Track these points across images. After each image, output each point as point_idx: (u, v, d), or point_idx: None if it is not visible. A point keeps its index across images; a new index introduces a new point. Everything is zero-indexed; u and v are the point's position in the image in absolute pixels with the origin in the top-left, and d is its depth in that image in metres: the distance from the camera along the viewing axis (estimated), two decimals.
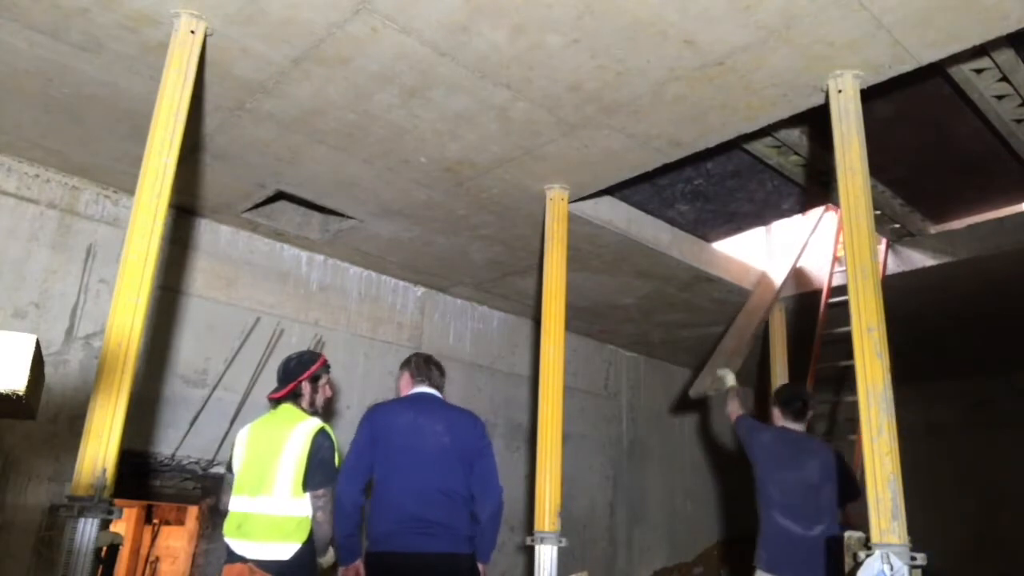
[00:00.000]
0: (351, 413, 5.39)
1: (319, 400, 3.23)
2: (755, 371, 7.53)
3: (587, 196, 4.38)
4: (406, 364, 3.46)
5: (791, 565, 3.66)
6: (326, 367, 3.28)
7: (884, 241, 5.37)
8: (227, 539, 3.01)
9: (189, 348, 4.70)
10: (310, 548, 2.97)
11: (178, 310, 4.71)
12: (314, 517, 2.97)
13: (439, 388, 3.40)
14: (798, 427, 3.98)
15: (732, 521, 8.55)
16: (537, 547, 3.63)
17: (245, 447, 3.12)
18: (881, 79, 3.09)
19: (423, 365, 3.41)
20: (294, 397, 3.17)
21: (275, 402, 3.21)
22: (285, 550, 2.89)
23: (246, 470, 3.05)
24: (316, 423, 3.06)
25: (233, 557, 2.95)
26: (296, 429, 3.01)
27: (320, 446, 2.99)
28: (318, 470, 2.96)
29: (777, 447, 3.91)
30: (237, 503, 3.03)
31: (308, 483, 2.95)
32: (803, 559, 3.64)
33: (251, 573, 2.84)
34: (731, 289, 5.83)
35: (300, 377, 3.18)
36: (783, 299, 6.12)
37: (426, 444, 3.16)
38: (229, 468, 3.22)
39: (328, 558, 3.08)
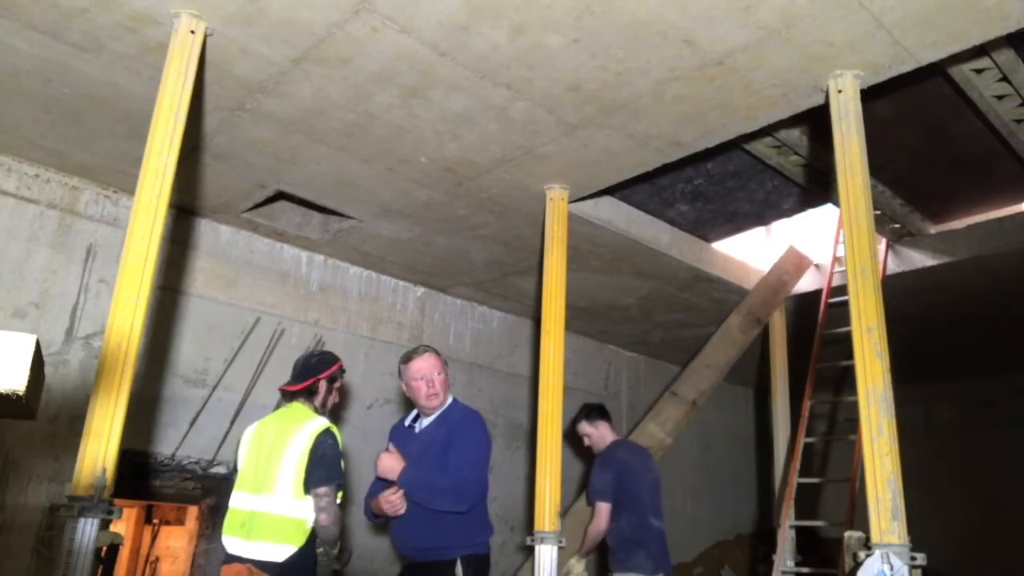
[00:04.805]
0: (351, 414, 5.39)
1: (331, 402, 3.19)
2: (755, 371, 7.54)
3: (587, 196, 4.38)
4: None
5: (664, 562, 4.09)
6: (343, 371, 3.25)
7: (884, 241, 5.38)
8: (226, 538, 2.93)
9: (189, 348, 4.70)
10: (307, 553, 2.90)
11: (178, 310, 4.71)
12: (317, 520, 2.90)
13: None
14: (617, 435, 4.47)
15: (732, 521, 8.55)
16: (537, 547, 3.63)
17: (249, 444, 3.06)
18: (881, 79, 3.09)
19: None
20: (308, 394, 3.12)
21: (288, 395, 3.14)
22: (280, 552, 2.83)
23: (249, 467, 3.00)
24: (323, 422, 3.01)
25: (231, 557, 2.89)
26: (303, 428, 2.97)
27: (322, 443, 2.94)
28: (319, 466, 2.91)
29: (632, 458, 4.28)
30: (239, 500, 2.97)
31: (308, 481, 2.89)
32: (663, 551, 4.11)
33: (250, 574, 2.79)
34: (731, 289, 5.83)
35: (320, 375, 3.13)
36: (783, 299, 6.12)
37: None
38: (235, 469, 3.14)
39: (334, 552, 3.02)
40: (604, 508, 4.08)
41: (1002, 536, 7.57)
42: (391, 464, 3.10)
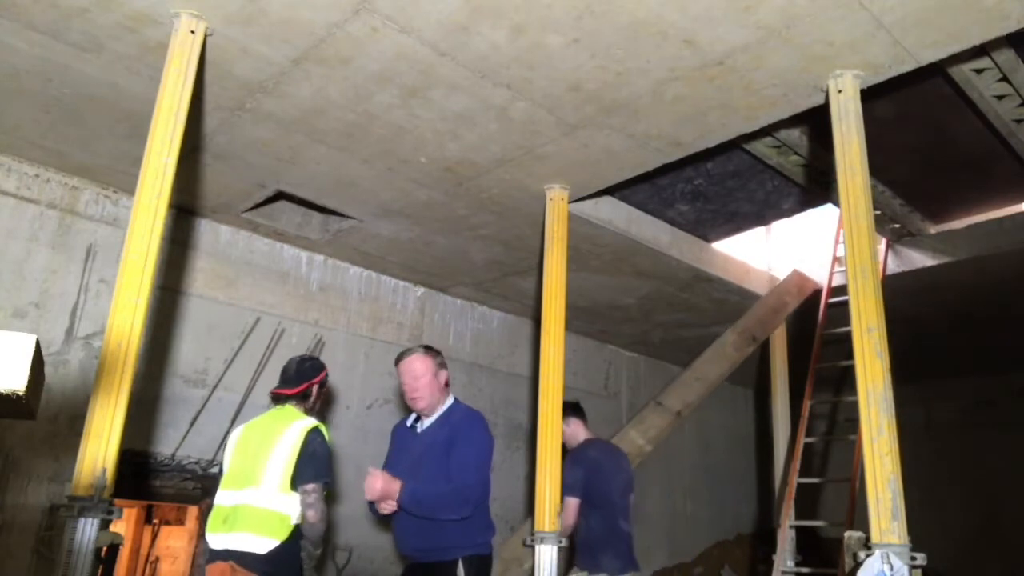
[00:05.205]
0: (351, 414, 5.39)
1: (318, 406, 3.28)
2: (755, 371, 7.54)
3: (587, 196, 4.38)
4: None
5: (631, 562, 4.10)
6: (327, 375, 3.37)
7: (884, 241, 5.38)
8: (210, 534, 2.95)
9: (189, 348, 4.70)
10: (291, 548, 2.92)
11: (178, 310, 4.71)
12: (304, 516, 2.93)
13: None
14: (592, 433, 4.36)
15: (732, 521, 8.55)
16: (537, 547, 3.63)
17: (236, 445, 3.12)
18: (881, 79, 3.09)
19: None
20: (303, 398, 3.19)
21: (280, 398, 3.19)
22: (263, 544, 2.84)
23: (235, 466, 3.06)
24: (312, 421, 3.08)
25: (215, 555, 2.91)
26: (292, 425, 3.02)
27: (312, 440, 2.99)
28: (308, 463, 2.95)
29: (604, 458, 4.22)
30: (222, 497, 3.01)
31: (298, 477, 2.93)
32: (629, 552, 4.12)
33: (232, 572, 2.80)
34: (731, 289, 5.83)
35: (313, 380, 3.22)
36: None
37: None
38: (220, 472, 3.19)
39: (316, 552, 3.05)
40: (573, 503, 4.06)
41: (1002, 536, 7.57)
42: (387, 488, 3.06)
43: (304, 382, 3.19)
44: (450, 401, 3.31)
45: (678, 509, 7.92)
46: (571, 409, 4.33)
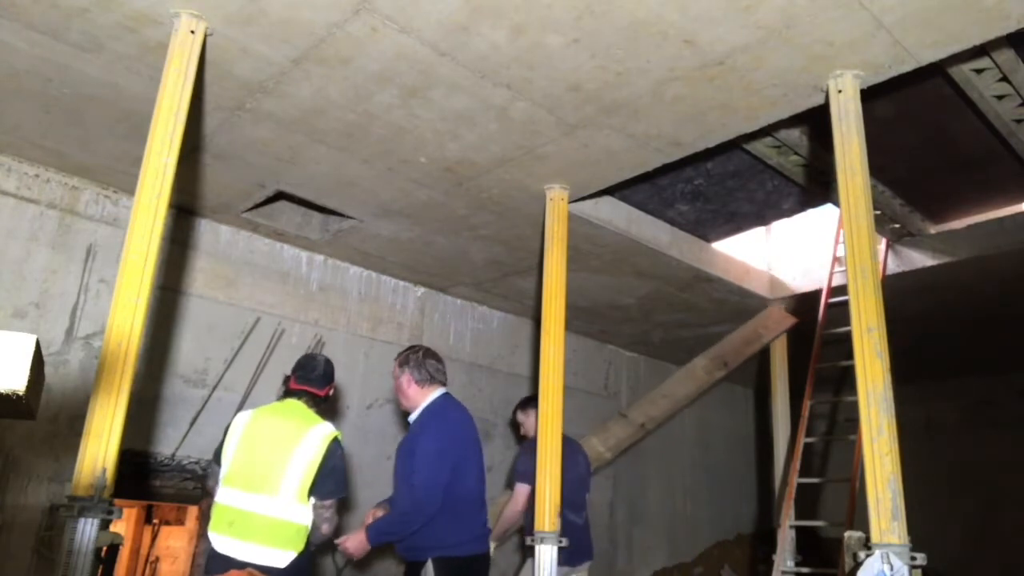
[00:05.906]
0: (351, 414, 5.39)
1: None
2: (755, 371, 7.54)
3: (587, 196, 4.38)
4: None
5: (580, 553, 4.21)
6: None
7: (884, 241, 5.37)
8: (215, 535, 2.86)
9: (189, 348, 4.70)
10: (307, 556, 2.90)
11: (178, 310, 4.71)
12: (317, 527, 2.90)
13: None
14: None
15: (732, 521, 8.55)
16: (537, 547, 3.63)
17: (241, 436, 2.97)
18: (881, 79, 3.09)
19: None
20: (325, 399, 3.18)
21: (301, 394, 3.12)
22: (282, 557, 2.80)
23: (242, 461, 2.91)
24: (331, 428, 3.00)
25: (220, 560, 2.79)
26: (312, 430, 2.93)
27: (333, 453, 2.93)
28: (329, 478, 2.90)
29: None
30: (228, 496, 2.88)
31: (316, 490, 2.88)
32: (579, 544, 4.20)
33: None
34: (731, 289, 5.83)
35: (334, 382, 3.24)
36: (783, 299, 6.13)
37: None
38: (217, 459, 3.03)
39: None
40: (523, 489, 4.10)
41: (1002, 536, 7.57)
42: (357, 545, 3.21)
43: (329, 383, 3.19)
44: (429, 399, 3.36)
45: (678, 509, 7.92)
46: (532, 401, 4.39)
